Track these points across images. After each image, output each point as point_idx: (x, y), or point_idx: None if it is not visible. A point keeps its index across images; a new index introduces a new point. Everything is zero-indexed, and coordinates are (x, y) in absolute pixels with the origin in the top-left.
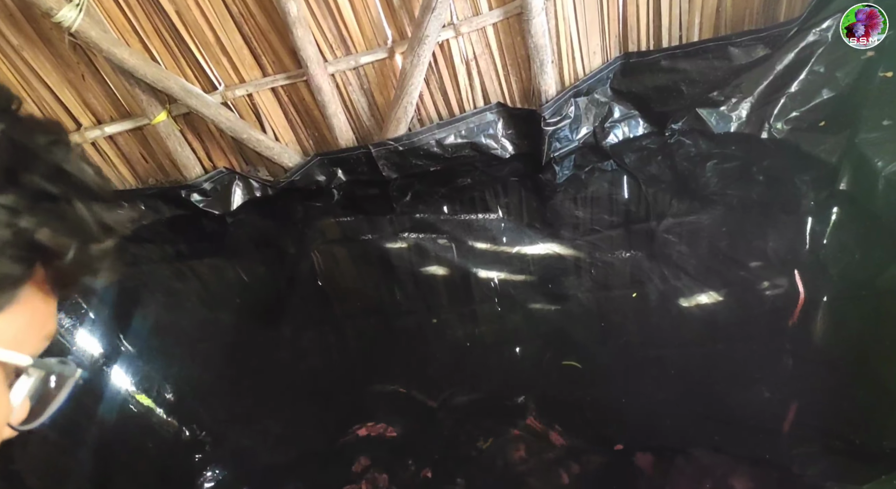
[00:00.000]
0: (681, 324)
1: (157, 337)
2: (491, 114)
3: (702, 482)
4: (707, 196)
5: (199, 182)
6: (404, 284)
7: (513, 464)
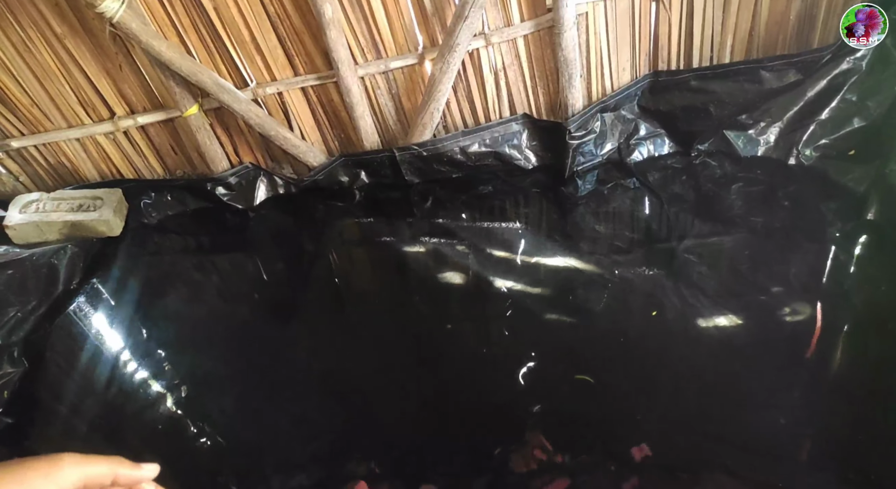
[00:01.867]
0: (697, 346)
1: (175, 326)
2: (516, 124)
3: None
4: (730, 218)
5: (225, 176)
6: (420, 289)
7: (519, 476)
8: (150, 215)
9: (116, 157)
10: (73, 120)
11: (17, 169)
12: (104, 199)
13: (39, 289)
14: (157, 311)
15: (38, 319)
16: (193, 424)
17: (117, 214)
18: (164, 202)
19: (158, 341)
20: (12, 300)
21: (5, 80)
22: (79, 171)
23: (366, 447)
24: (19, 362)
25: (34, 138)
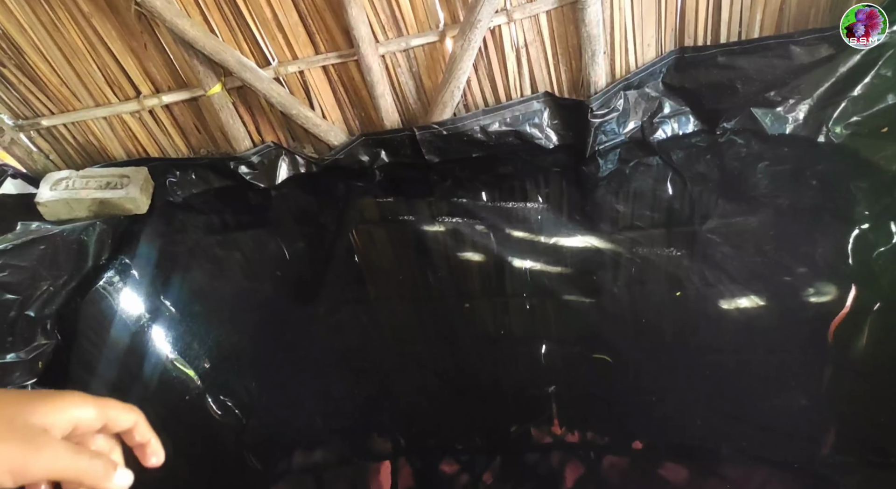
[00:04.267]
0: (718, 326)
1: (199, 302)
2: (538, 103)
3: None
4: (756, 198)
5: (248, 155)
6: (439, 268)
7: (535, 455)
8: (175, 193)
9: (142, 136)
10: (101, 99)
11: (48, 147)
12: (131, 177)
13: (70, 264)
14: (182, 287)
15: (69, 293)
16: (217, 397)
17: (144, 192)
18: (188, 180)
19: (184, 316)
20: (44, 274)
21: (36, 59)
22: (106, 149)
23: (385, 423)
24: (52, 335)
25: (63, 117)
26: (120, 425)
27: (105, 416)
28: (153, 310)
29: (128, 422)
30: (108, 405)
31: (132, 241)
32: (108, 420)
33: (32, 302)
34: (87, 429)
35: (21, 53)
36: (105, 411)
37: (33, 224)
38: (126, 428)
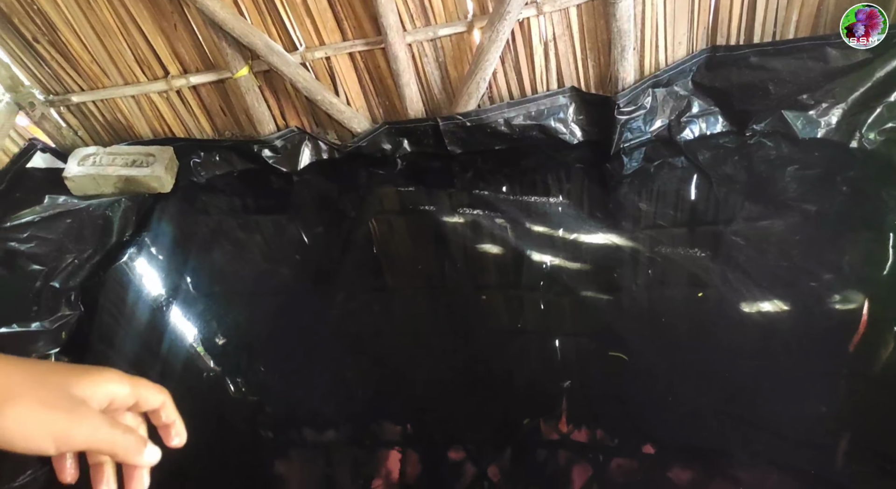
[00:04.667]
0: (738, 330)
1: (219, 282)
2: (563, 97)
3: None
4: (783, 202)
5: (272, 138)
6: (457, 259)
7: (545, 450)
8: (198, 174)
9: (169, 116)
10: (130, 77)
11: (77, 123)
12: (156, 156)
13: (95, 238)
14: (202, 267)
15: (93, 267)
16: (233, 376)
17: (168, 172)
18: (212, 162)
19: (202, 296)
20: (70, 247)
21: (69, 36)
22: (133, 127)
23: (396, 410)
24: (76, 306)
25: (93, 94)
26: (149, 404)
27: (137, 394)
28: (173, 288)
29: (157, 402)
30: (140, 384)
31: (156, 219)
32: (140, 398)
33: (58, 273)
34: (120, 405)
35: (54, 29)
36: (137, 389)
37: (60, 198)
38: (154, 407)
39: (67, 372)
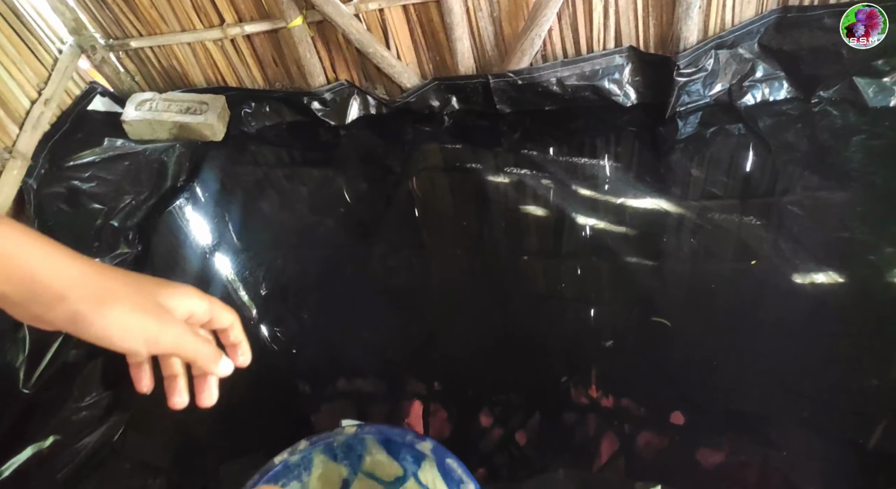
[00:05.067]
0: (789, 300)
1: (265, 231)
2: (620, 57)
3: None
4: (846, 172)
5: (321, 91)
6: (499, 219)
7: (575, 417)
8: (249, 124)
9: (222, 64)
10: (187, 24)
11: (134, 68)
12: (209, 104)
13: (151, 181)
14: (250, 215)
15: (149, 209)
16: (270, 324)
17: (220, 120)
18: (262, 112)
19: (249, 243)
20: (128, 189)
21: None
22: (188, 75)
23: (428, 367)
24: (134, 244)
25: (151, 39)
26: (221, 323)
27: (212, 312)
28: (222, 234)
29: (228, 321)
30: (215, 302)
31: (207, 166)
32: (214, 315)
33: (116, 213)
34: (197, 320)
35: None
36: (213, 307)
37: (118, 141)
38: (225, 326)
39: (156, 283)
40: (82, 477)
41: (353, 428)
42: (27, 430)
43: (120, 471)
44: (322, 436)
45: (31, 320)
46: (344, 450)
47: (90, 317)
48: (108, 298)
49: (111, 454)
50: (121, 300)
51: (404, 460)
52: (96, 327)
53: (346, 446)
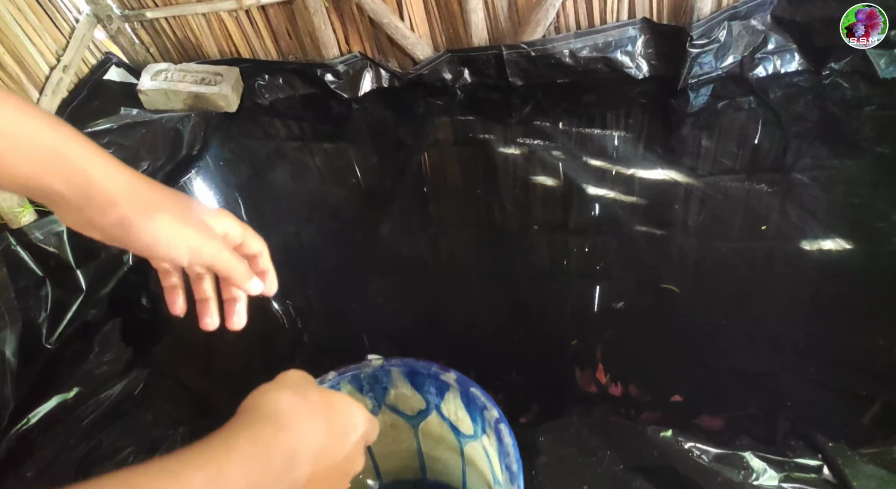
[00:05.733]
0: (797, 265)
1: (278, 200)
2: (633, 29)
3: None
4: (856, 142)
5: (335, 63)
6: (511, 191)
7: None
8: (262, 96)
9: (237, 36)
10: None
11: (149, 40)
12: (224, 75)
13: (167, 150)
14: (264, 185)
15: (165, 176)
16: (284, 291)
17: (235, 91)
18: (276, 85)
19: (262, 212)
20: (144, 156)
21: None
22: (202, 46)
23: (435, 342)
24: None
25: (166, 10)
26: (252, 248)
27: (245, 236)
28: (235, 203)
29: (258, 248)
30: (248, 228)
31: (222, 137)
32: (246, 240)
33: None
34: (231, 241)
35: None
36: (246, 232)
37: (134, 110)
38: (255, 253)
39: (196, 202)
40: (106, 425)
41: (380, 360)
42: (52, 382)
43: (143, 421)
44: (350, 367)
45: (82, 226)
46: (370, 381)
47: (139, 223)
48: (156, 207)
49: (133, 406)
50: (167, 210)
51: (428, 392)
52: (144, 234)
53: (373, 378)
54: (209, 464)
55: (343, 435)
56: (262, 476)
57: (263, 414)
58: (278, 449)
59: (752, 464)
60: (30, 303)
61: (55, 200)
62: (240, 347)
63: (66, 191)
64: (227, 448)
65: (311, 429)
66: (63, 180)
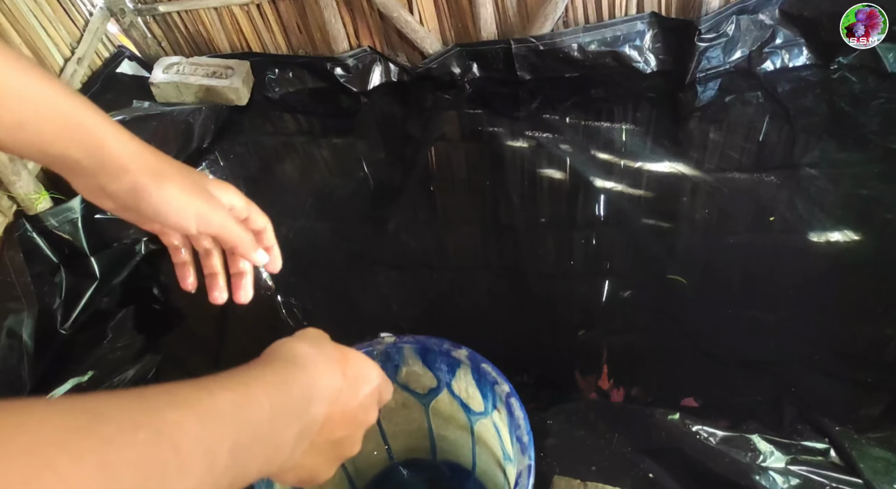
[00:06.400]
0: (805, 256)
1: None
2: (642, 23)
3: None
4: (863, 135)
5: (344, 57)
6: (518, 184)
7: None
8: (272, 90)
9: (248, 30)
10: None
11: (161, 34)
12: (235, 69)
13: (178, 142)
14: (273, 178)
15: None
16: (292, 282)
17: (245, 85)
18: (286, 78)
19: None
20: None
21: None
22: (213, 40)
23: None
24: None
25: (178, 4)
26: (257, 224)
27: (249, 210)
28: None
29: (262, 223)
30: (252, 203)
31: (232, 130)
32: (251, 214)
33: None
34: (236, 213)
35: None
36: (250, 207)
37: (145, 103)
38: (259, 228)
39: (202, 174)
40: None
41: (392, 338)
42: (67, 365)
43: None
44: (363, 345)
45: (95, 193)
46: (382, 359)
47: (149, 189)
48: (165, 175)
49: None
50: (176, 179)
51: (439, 370)
52: (154, 199)
53: (385, 355)
54: (239, 387)
55: (357, 383)
56: (284, 407)
57: (283, 357)
58: (298, 385)
59: (760, 446)
60: (45, 289)
61: (70, 166)
62: (248, 337)
63: (81, 156)
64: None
65: (327, 372)
66: (79, 146)
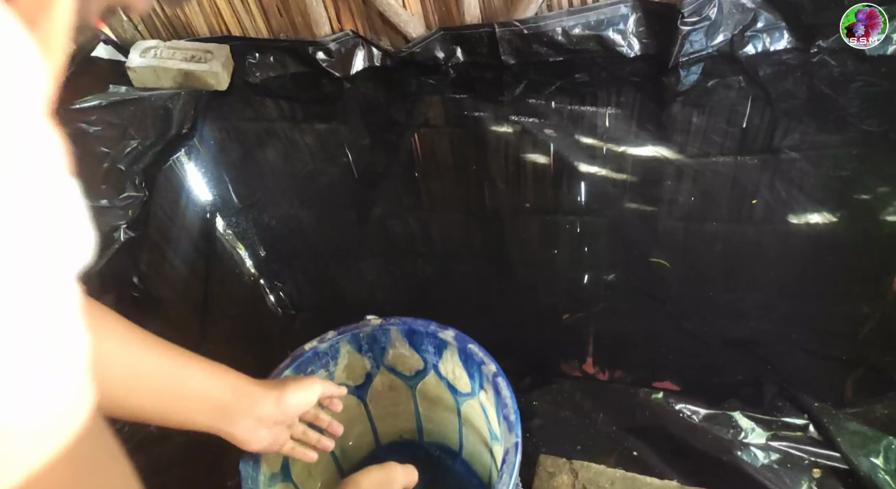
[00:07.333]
0: (785, 237)
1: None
2: (625, 6)
3: None
4: (843, 117)
5: (326, 41)
6: (502, 169)
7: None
8: (253, 74)
9: (227, 13)
10: None
11: (137, 17)
12: (214, 53)
13: (157, 128)
14: (255, 164)
15: (155, 155)
16: (276, 270)
17: (225, 69)
18: (266, 63)
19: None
20: (133, 134)
21: None
22: (191, 24)
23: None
24: (140, 189)
25: None
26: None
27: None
28: (228, 181)
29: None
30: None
31: (212, 115)
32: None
33: (123, 157)
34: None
35: None
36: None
37: (122, 88)
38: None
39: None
40: None
41: (379, 320)
42: None
43: None
44: (349, 327)
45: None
46: (369, 341)
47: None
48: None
49: None
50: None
51: (426, 352)
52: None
53: (371, 337)
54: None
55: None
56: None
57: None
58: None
59: (741, 423)
60: None
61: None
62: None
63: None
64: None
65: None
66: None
